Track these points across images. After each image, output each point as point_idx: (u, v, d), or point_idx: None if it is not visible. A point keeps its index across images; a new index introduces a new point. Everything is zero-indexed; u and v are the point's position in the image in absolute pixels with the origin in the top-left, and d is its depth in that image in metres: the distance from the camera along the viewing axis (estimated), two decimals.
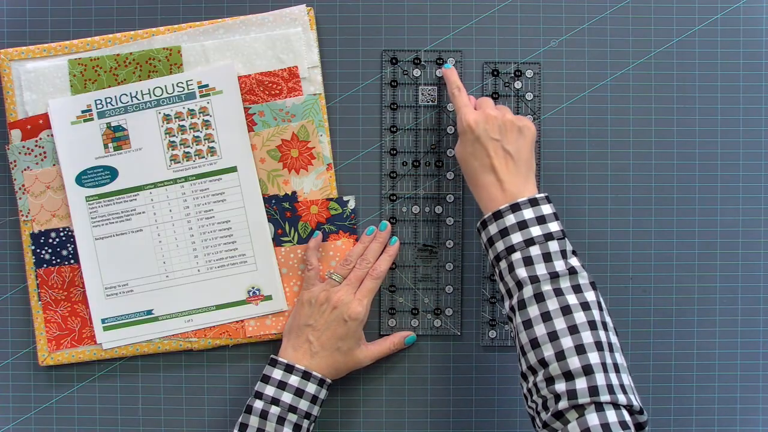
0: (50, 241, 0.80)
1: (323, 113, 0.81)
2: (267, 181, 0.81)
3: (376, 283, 0.77)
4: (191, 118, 0.79)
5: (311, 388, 0.73)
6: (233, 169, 0.80)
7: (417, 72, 0.82)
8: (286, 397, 0.72)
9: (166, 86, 0.79)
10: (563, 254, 0.67)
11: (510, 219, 0.68)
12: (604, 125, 0.82)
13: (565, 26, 0.82)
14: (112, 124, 0.79)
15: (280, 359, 0.74)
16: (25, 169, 0.80)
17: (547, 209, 0.69)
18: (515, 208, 0.68)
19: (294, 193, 0.81)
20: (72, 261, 0.80)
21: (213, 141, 0.80)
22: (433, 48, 0.82)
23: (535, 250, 0.67)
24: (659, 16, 0.82)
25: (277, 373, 0.73)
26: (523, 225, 0.68)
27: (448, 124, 0.82)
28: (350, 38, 0.82)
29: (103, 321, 0.80)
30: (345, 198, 0.81)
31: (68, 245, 0.80)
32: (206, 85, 0.79)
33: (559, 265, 0.66)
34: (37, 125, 0.80)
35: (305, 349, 0.75)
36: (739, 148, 0.82)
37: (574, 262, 0.67)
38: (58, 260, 0.80)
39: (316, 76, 0.81)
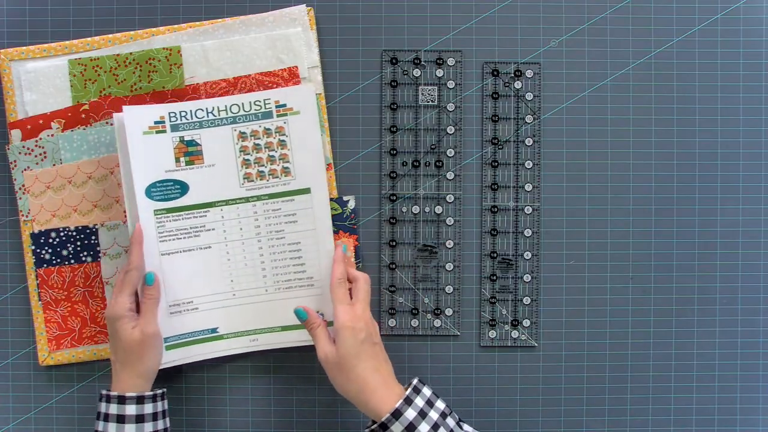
0: (50, 241, 0.80)
1: (323, 113, 0.81)
2: None
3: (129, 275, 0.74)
4: (267, 137, 0.78)
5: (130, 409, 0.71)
6: (306, 191, 0.78)
7: (417, 72, 0.82)
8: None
9: (243, 104, 0.78)
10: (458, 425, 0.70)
11: (410, 412, 0.68)
12: (604, 125, 0.82)
13: (565, 26, 0.82)
14: (186, 138, 0.78)
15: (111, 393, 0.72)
16: (25, 169, 0.80)
17: (426, 391, 0.70)
18: (407, 400, 0.68)
19: None
20: (72, 261, 0.80)
21: (288, 161, 0.78)
22: (433, 48, 0.82)
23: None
24: (659, 16, 0.82)
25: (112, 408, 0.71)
26: (422, 413, 0.68)
27: (448, 124, 0.82)
28: (350, 38, 0.82)
29: (165, 340, 0.77)
30: (345, 198, 0.81)
31: (68, 245, 0.80)
32: (284, 105, 0.78)
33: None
34: (37, 125, 0.80)
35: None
36: (739, 148, 0.82)
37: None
38: (58, 260, 0.80)
39: (316, 76, 0.81)
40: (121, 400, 0.71)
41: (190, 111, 0.78)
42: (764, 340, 0.82)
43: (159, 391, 0.74)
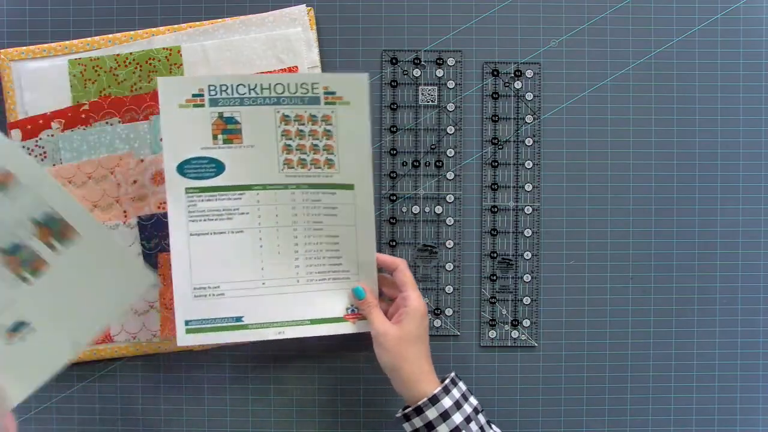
0: None
1: None
2: None
3: None
4: (312, 125, 0.74)
5: None
6: (350, 187, 0.74)
7: (417, 72, 0.82)
8: None
9: (289, 84, 0.73)
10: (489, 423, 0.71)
11: (447, 401, 0.69)
12: (604, 125, 0.82)
13: (565, 26, 0.82)
14: (225, 115, 0.73)
15: None
16: None
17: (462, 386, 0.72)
18: (446, 389, 0.70)
19: None
20: None
21: (332, 153, 0.74)
22: (433, 48, 0.82)
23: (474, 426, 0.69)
24: (659, 16, 0.82)
25: None
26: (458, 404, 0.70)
27: (448, 124, 0.82)
28: (350, 38, 0.82)
29: (186, 323, 0.74)
30: None
31: None
32: (333, 92, 0.73)
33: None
34: (37, 125, 0.80)
35: None
36: (739, 148, 0.82)
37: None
38: None
39: None
40: None
41: (232, 86, 0.72)
42: (764, 340, 0.82)
43: None
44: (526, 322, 0.82)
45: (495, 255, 0.82)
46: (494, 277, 0.82)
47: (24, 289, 0.67)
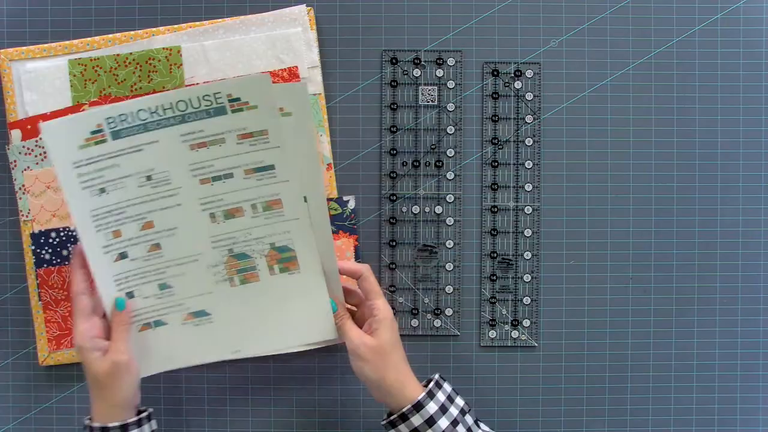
0: (50, 241, 0.80)
1: (323, 113, 0.81)
2: None
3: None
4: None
5: None
6: (303, 200, 0.70)
7: (417, 72, 0.82)
8: None
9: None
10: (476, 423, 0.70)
11: (431, 406, 0.68)
12: (604, 125, 0.82)
13: (565, 26, 0.82)
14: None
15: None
16: (25, 169, 0.80)
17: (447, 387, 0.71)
18: (430, 394, 0.69)
19: None
20: None
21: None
22: (433, 48, 0.82)
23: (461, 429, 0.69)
24: (659, 16, 0.82)
25: None
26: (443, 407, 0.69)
27: (448, 124, 0.82)
28: (350, 38, 0.82)
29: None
30: (345, 198, 0.81)
31: (68, 245, 0.80)
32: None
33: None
34: (37, 125, 0.80)
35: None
36: (739, 148, 0.82)
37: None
38: (58, 260, 0.80)
39: (316, 76, 0.81)
40: (105, 431, 0.67)
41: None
42: (764, 340, 0.82)
43: (144, 414, 0.70)
44: (526, 322, 0.82)
45: (495, 255, 0.82)
46: (494, 277, 0.82)
47: (224, 288, 0.71)
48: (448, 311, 0.82)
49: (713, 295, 0.82)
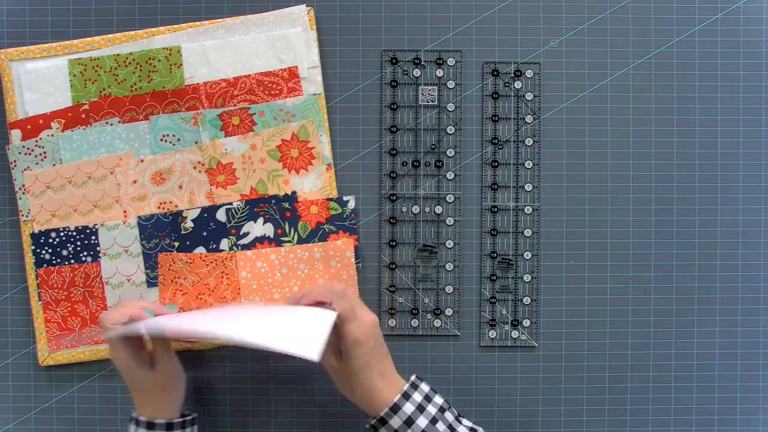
0: (50, 241, 0.80)
1: (323, 113, 0.81)
2: (267, 181, 0.81)
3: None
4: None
5: None
6: None
7: (417, 72, 0.82)
8: None
9: None
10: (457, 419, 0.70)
11: (408, 406, 0.68)
12: (604, 125, 0.82)
13: (565, 26, 0.82)
14: None
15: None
16: (25, 169, 0.80)
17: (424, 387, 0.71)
18: (405, 395, 0.69)
19: (294, 193, 0.81)
20: (72, 261, 0.80)
21: None
22: (433, 48, 0.82)
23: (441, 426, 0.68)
24: (659, 16, 0.82)
25: None
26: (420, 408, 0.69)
27: (448, 124, 0.82)
28: (350, 38, 0.82)
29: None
30: (345, 198, 0.81)
31: (68, 245, 0.80)
32: None
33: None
34: (37, 125, 0.80)
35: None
36: (739, 148, 0.82)
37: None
38: (58, 260, 0.80)
39: (316, 76, 0.81)
40: (150, 426, 0.70)
41: None
42: (764, 340, 0.82)
43: (189, 417, 0.73)
44: (526, 322, 0.82)
45: (495, 255, 0.82)
46: (494, 277, 0.82)
47: None
48: (448, 311, 0.82)
49: (713, 295, 0.82)
